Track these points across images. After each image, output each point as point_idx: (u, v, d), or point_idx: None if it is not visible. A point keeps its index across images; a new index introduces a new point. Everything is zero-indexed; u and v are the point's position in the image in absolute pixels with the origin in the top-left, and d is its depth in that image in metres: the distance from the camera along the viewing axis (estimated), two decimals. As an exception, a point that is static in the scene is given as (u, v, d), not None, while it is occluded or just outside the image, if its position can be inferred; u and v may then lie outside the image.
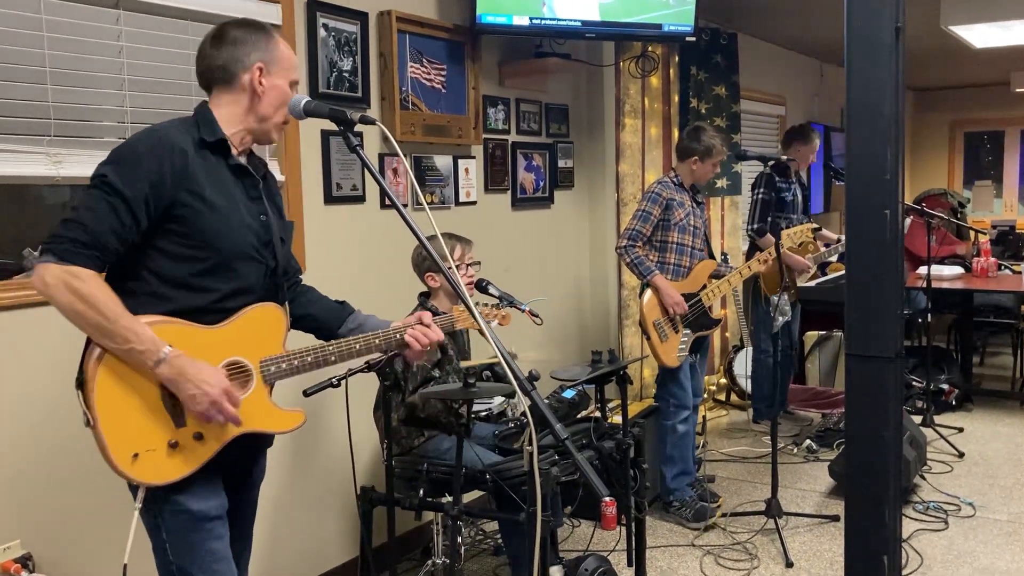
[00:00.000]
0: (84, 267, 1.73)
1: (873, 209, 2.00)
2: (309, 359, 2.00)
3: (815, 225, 4.40)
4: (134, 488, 1.86)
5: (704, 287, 4.03)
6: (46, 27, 2.52)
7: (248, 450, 2.03)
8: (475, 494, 3.44)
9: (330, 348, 2.04)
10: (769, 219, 4.90)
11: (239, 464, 2.05)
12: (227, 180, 1.92)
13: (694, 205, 4.04)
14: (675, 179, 4.04)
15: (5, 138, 2.45)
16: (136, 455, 1.79)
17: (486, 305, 2.71)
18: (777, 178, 5.06)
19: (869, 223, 2.00)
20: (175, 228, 1.83)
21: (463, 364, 3.13)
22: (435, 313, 3.02)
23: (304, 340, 2.15)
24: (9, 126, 2.46)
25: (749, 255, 5.10)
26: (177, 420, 1.84)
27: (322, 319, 2.20)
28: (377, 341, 2.11)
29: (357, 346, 2.08)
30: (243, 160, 2.00)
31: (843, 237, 5.19)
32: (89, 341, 1.81)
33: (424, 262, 3.11)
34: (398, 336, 2.12)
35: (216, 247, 1.86)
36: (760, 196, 4.97)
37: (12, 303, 2.44)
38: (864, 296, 2.02)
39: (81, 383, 1.80)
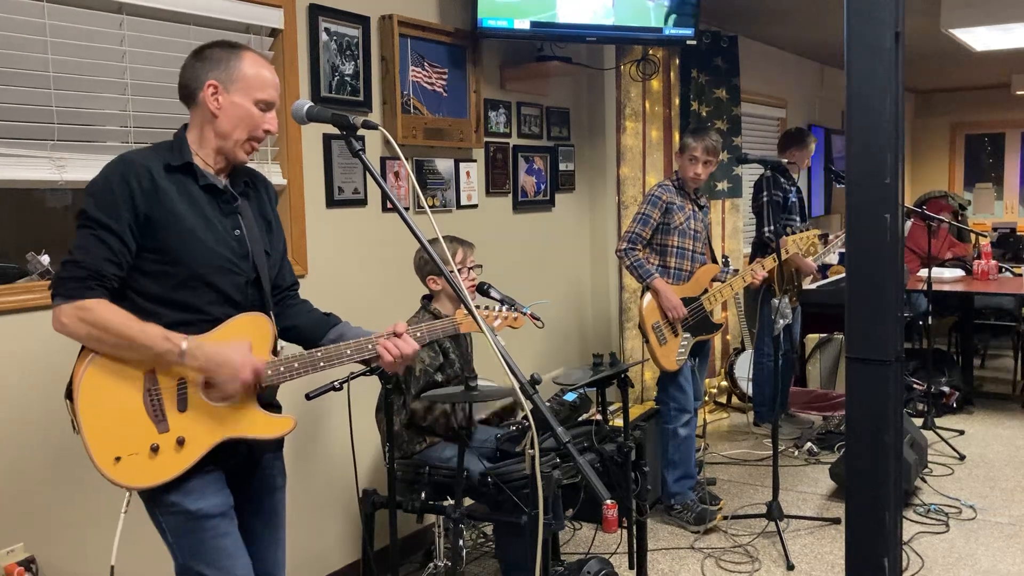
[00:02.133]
0: (90, 298, 1.82)
1: (873, 213, 2.00)
2: (296, 364, 2.02)
3: (820, 232, 4.40)
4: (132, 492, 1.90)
5: (706, 291, 4.03)
6: (49, 32, 2.53)
7: (246, 454, 2.06)
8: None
9: (318, 354, 2.06)
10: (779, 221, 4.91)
11: (242, 469, 2.08)
12: (198, 198, 1.97)
13: (695, 209, 4.04)
14: (676, 182, 4.04)
15: (9, 142, 2.46)
16: (118, 458, 1.83)
17: (491, 308, 2.69)
18: (782, 179, 5.06)
19: (869, 227, 2.01)
20: (149, 245, 1.90)
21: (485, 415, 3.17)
22: (437, 317, 3.04)
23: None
24: (13, 130, 2.47)
25: (753, 258, 5.10)
26: (159, 425, 1.88)
27: (305, 329, 2.22)
28: (348, 351, 2.10)
29: (348, 351, 2.09)
30: (221, 180, 2.02)
31: (840, 235, 5.20)
32: (80, 353, 1.87)
33: (426, 266, 3.11)
34: (370, 346, 2.12)
35: (187, 262, 1.92)
36: (769, 198, 4.95)
37: (16, 307, 2.45)
38: (864, 299, 2.02)
39: (69, 393, 1.86)
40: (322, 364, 2.05)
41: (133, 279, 1.90)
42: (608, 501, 1.69)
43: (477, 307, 2.47)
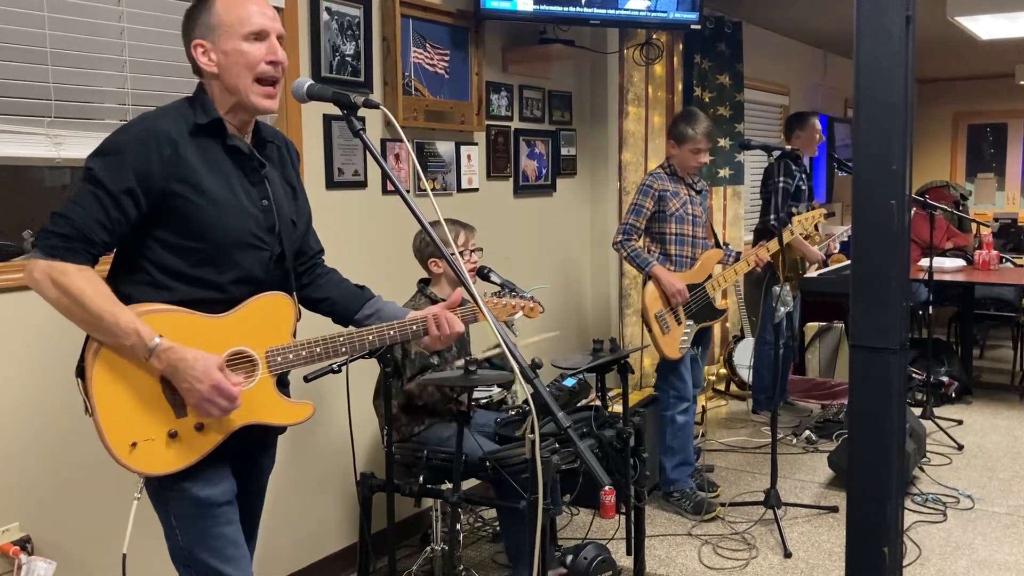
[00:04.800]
0: (71, 262, 1.72)
1: (880, 199, 1.98)
2: (318, 350, 1.93)
3: (826, 211, 4.38)
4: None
5: (709, 277, 4.01)
6: (47, 7, 2.50)
7: (255, 439, 1.99)
8: (475, 481, 3.43)
9: (340, 339, 1.96)
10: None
11: (247, 452, 2.02)
12: (224, 165, 1.86)
13: (691, 194, 4.01)
14: (668, 169, 4.00)
15: (5, 119, 2.44)
16: (134, 444, 1.77)
17: (507, 295, 2.59)
18: (793, 166, 5.04)
19: (876, 213, 1.99)
20: (169, 219, 1.80)
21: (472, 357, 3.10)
22: (434, 301, 3.02)
23: (321, 325, 2.13)
24: (10, 107, 2.44)
25: (756, 244, 5.07)
26: (178, 410, 1.81)
27: (340, 303, 2.14)
28: (392, 332, 2.03)
29: (371, 337, 2.00)
30: (245, 140, 1.92)
31: (847, 228, 5.18)
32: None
33: (427, 248, 3.09)
34: (414, 327, 2.05)
35: (211, 237, 1.82)
36: (782, 184, 4.93)
37: (12, 285, 2.43)
38: (870, 287, 2.00)
39: (81, 371, 1.79)
40: (344, 349, 1.97)
41: (152, 250, 1.81)
42: (606, 487, 1.67)
43: (495, 294, 2.42)
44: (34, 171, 2.81)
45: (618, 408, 3.29)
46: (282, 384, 2.03)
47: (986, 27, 5.98)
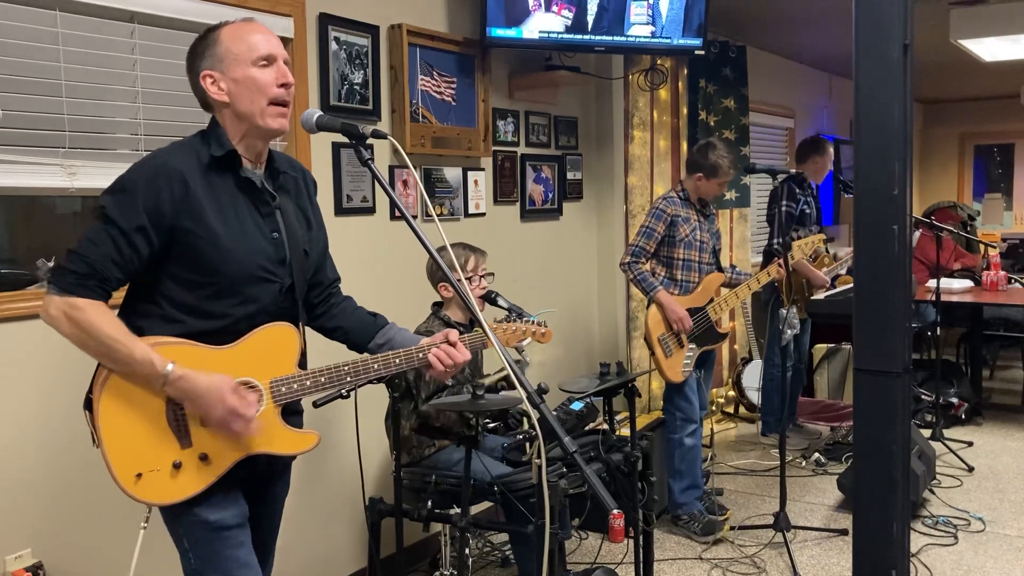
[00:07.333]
0: (85, 297, 1.77)
1: (882, 224, 2.00)
2: (323, 379, 1.96)
3: (825, 236, 4.39)
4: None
5: (711, 301, 4.03)
6: (62, 40, 2.55)
7: (265, 467, 2.02)
8: (483, 505, 3.44)
9: (345, 368, 1.99)
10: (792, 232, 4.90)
11: (258, 480, 2.04)
12: (235, 199, 1.89)
13: (701, 219, 4.04)
14: (681, 194, 4.04)
15: (20, 150, 2.48)
16: (140, 475, 1.81)
17: (518, 321, 2.53)
18: (797, 190, 5.04)
19: (878, 238, 2.01)
20: (180, 254, 1.84)
21: (483, 380, 3.12)
22: (448, 323, 3.04)
23: (335, 353, 2.16)
24: (24, 138, 2.49)
25: (764, 268, 5.08)
26: (182, 440, 1.84)
27: (353, 332, 2.17)
28: (398, 361, 2.05)
29: (375, 366, 2.02)
30: (258, 172, 1.96)
31: (849, 250, 5.19)
32: (99, 364, 1.84)
33: (437, 272, 3.12)
34: (420, 355, 2.06)
35: (221, 273, 1.85)
36: (785, 209, 4.94)
37: (26, 313, 2.46)
38: (872, 311, 2.02)
39: (89, 404, 1.83)
40: (349, 379, 1.99)
41: (164, 284, 1.85)
42: (614, 511, 1.68)
43: (505, 319, 2.43)
44: (46, 200, 2.85)
45: (626, 432, 3.30)
46: (293, 412, 2.05)
47: (989, 49, 6.02)
